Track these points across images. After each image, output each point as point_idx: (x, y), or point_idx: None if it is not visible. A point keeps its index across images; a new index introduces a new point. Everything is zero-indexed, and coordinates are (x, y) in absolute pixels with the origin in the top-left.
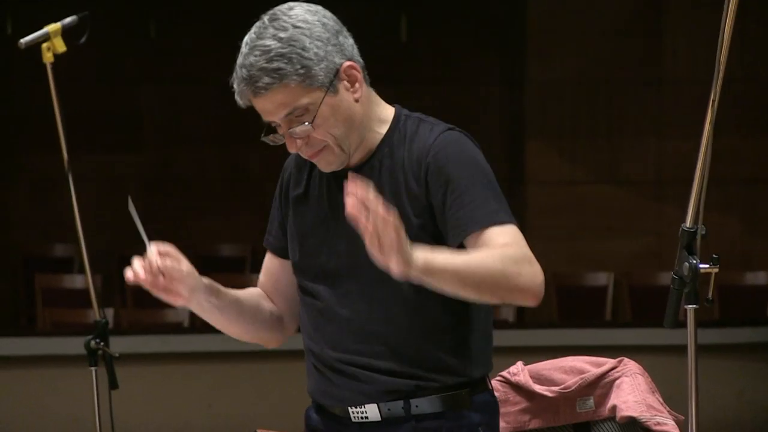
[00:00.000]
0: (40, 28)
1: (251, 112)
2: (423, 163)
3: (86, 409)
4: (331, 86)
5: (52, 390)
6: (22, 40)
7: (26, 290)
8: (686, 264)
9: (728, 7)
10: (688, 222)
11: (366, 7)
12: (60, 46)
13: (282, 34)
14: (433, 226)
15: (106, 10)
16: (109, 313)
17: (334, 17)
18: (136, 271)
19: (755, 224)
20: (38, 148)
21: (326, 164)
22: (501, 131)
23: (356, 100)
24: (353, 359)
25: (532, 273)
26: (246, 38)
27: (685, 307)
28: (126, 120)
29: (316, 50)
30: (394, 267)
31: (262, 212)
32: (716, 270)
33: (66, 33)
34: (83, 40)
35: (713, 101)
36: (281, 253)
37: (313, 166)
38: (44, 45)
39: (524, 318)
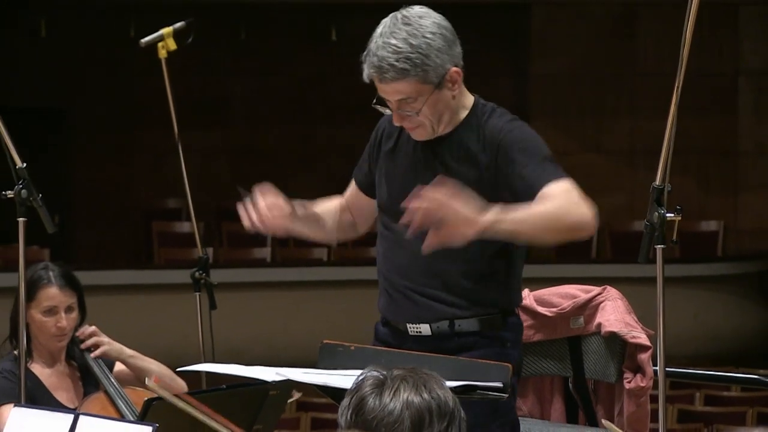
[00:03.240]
0: (157, 31)
1: (319, 100)
2: (494, 141)
3: (192, 326)
4: (438, 85)
5: (165, 311)
6: (143, 40)
7: (145, 234)
8: (656, 213)
9: (689, 16)
10: (658, 181)
11: None
12: (172, 45)
13: (413, 41)
14: (491, 190)
15: (207, 16)
16: (210, 251)
17: (452, 28)
18: (249, 219)
19: (706, 185)
20: (154, 124)
21: (418, 136)
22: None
23: (453, 97)
24: (415, 287)
25: (580, 212)
26: (380, 29)
27: (655, 246)
28: (220, 104)
29: (435, 59)
30: (466, 232)
31: (327, 175)
32: (679, 218)
33: (176, 35)
34: (190, 40)
35: (677, 87)
36: (363, 186)
37: (403, 128)
38: (160, 44)
39: (529, 256)
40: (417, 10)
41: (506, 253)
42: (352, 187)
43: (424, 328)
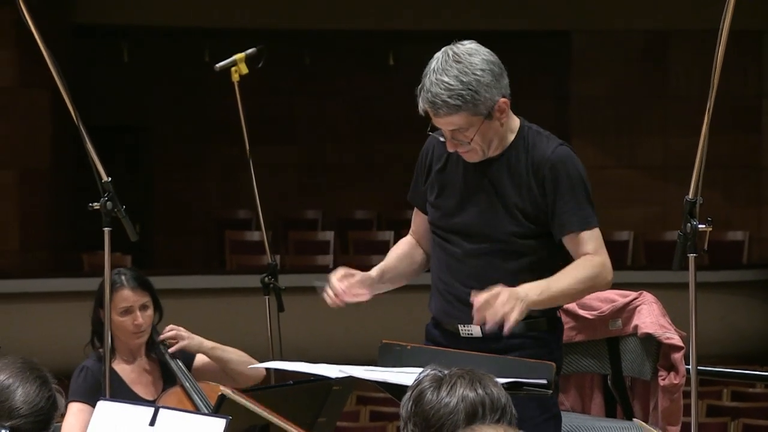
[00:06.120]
0: (229, 55)
1: (377, 119)
2: (542, 169)
3: (261, 326)
4: (488, 116)
5: (236, 313)
6: (217, 65)
7: (218, 242)
8: (689, 224)
9: (720, 45)
10: (690, 195)
11: None
12: (243, 69)
13: (463, 78)
14: (535, 213)
15: (275, 44)
16: (277, 258)
17: (499, 62)
18: (331, 297)
19: (732, 197)
20: (227, 141)
21: (470, 159)
22: (552, 132)
23: (502, 124)
24: (469, 292)
25: (603, 276)
26: (433, 64)
27: (688, 255)
28: (287, 122)
29: (485, 93)
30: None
31: (383, 188)
32: (710, 229)
33: (248, 60)
34: (260, 65)
35: (708, 110)
36: (424, 208)
37: None
38: (233, 68)
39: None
40: (467, 46)
41: (552, 262)
42: (417, 214)
43: (475, 330)
